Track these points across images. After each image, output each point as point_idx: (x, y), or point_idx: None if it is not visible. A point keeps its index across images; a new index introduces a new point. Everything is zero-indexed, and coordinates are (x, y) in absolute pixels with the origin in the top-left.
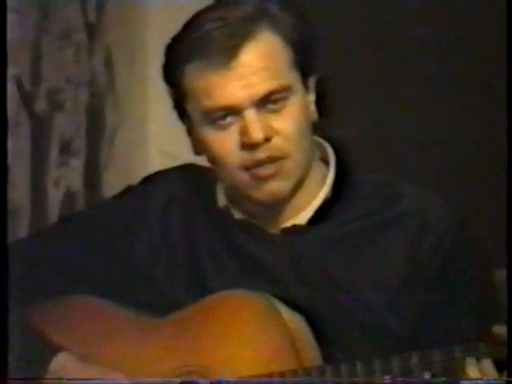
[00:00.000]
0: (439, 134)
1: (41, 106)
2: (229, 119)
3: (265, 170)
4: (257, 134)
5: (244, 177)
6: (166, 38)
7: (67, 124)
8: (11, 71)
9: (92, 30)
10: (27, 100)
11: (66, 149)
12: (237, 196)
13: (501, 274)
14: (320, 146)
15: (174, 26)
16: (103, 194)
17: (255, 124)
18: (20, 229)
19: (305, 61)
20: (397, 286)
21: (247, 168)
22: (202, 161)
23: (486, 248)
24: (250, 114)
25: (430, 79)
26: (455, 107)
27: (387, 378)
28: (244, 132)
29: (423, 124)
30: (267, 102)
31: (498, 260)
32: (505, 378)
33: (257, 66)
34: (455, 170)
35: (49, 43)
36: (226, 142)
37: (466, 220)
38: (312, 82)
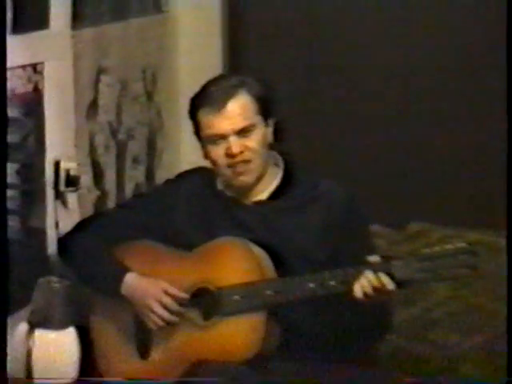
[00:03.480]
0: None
1: (121, 137)
2: (220, 141)
3: (239, 169)
4: (235, 149)
5: (228, 172)
6: (191, 95)
7: (136, 147)
8: (106, 118)
9: (149, 94)
10: (114, 133)
11: (135, 161)
12: (226, 183)
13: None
14: (275, 156)
15: (195, 88)
16: (156, 183)
17: (234, 144)
18: (110, 204)
19: (265, 109)
20: (318, 233)
21: (229, 167)
22: (208, 164)
23: (364, 209)
24: (232, 139)
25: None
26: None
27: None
28: (228, 148)
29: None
30: (241, 132)
31: (372, 216)
32: None
33: (237, 112)
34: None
35: (126, 102)
36: (218, 152)
37: (354, 198)
38: (270, 121)
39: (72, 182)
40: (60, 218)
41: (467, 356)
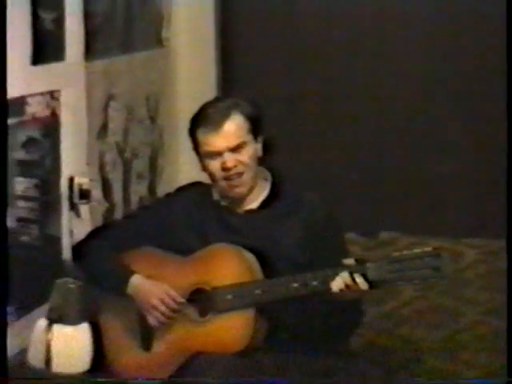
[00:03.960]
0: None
1: (127, 155)
2: (216, 156)
3: (234, 182)
4: (229, 164)
5: (224, 184)
6: (190, 116)
7: (140, 165)
8: (114, 139)
9: (152, 118)
10: (121, 153)
11: (139, 176)
12: (222, 194)
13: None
14: (263, 171)
15: (194, 110)
16: (157, 196)
17: (229, 159)
18: (117, 214)
19: (255, 127)
20: (300, 239)
21: (225, 179)
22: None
23: (340, 218)
24: (226, 154)
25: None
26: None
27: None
28: (223, 162)
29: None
30: (235, 149)
31: (347, 226)
32: None
33: (231, 132)
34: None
35: (132, 125)
36: (215, 166)
37: (331, 209)
38: (260, 139)
39: (84, 195)
40: (74, 226)
41: (431, 349)
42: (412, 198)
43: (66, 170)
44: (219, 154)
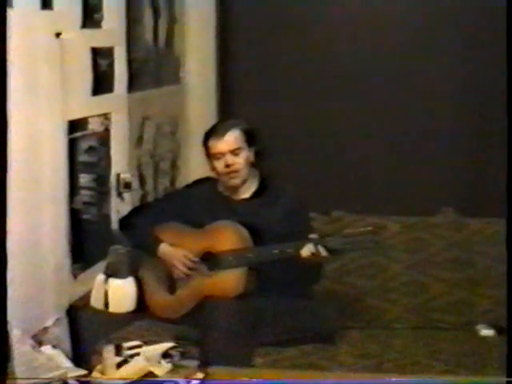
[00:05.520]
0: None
1: (156, 158)
2: (220, 156)
3: (231, 175)
4: (229, 162)
5: (226, 178)
6: (197, 134)
7: (164, 165)
8: (147, 147)
9: (173, 133)
10: (151, 157)
11: (163, 173)
12: (224, 186)
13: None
14: (254, 171)
15: (200, 129)
16: (177, 187)
17: (229, 158)
18: (149, 199)
19: (249, 140)
20: (281, 219)
21: (226, 174)
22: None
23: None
24: (228, 156)
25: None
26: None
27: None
28: (225, 161)
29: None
30: (233, 151)
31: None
32: None
33: (231, 140)
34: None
35: (159, 138)
36: (219, 165)
37: (302, 197)
38: (252, 148)
39: (127, 186)
40: (119, 207)
41: (368, 292)
42: (354, 186)
43: (114, 169)
44: (222, 154)
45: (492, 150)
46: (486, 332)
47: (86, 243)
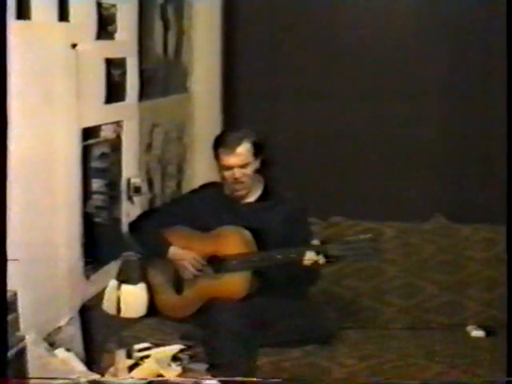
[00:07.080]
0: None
1: (163, 163)
2: (229, 169)
3: (236, 186)
4: (237, 175)
5: (232, 185)
6: (202, 140)
7: (171, 169)
8: (156, 153)
9: (180, 139)
10: (159, 161)
11: (171, 177)
12: (230, 191)
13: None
14: (259, 177)
15: (205, 136)
16: (182, 190)
17: (238, 172)
18: (158, 202)
19: (257, 151)
20: (282, 224)
21: (233, 183)
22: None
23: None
24: (236, 169)
25: None
26: None
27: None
28: (233, 174)
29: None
30: (242, 165)
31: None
32: None
33: (242, 155)
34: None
35: (167, 143)
36: (228, 176)
37: (303, 203)
38: (259, 157)
39: (136, 190)
40: (129, 210)
41: (363, 294)
42: (351, 192)
43: (125, 174)
44: (231, 168)
45: (483, 160)
46: (477, 333)
47: (97, 245)
